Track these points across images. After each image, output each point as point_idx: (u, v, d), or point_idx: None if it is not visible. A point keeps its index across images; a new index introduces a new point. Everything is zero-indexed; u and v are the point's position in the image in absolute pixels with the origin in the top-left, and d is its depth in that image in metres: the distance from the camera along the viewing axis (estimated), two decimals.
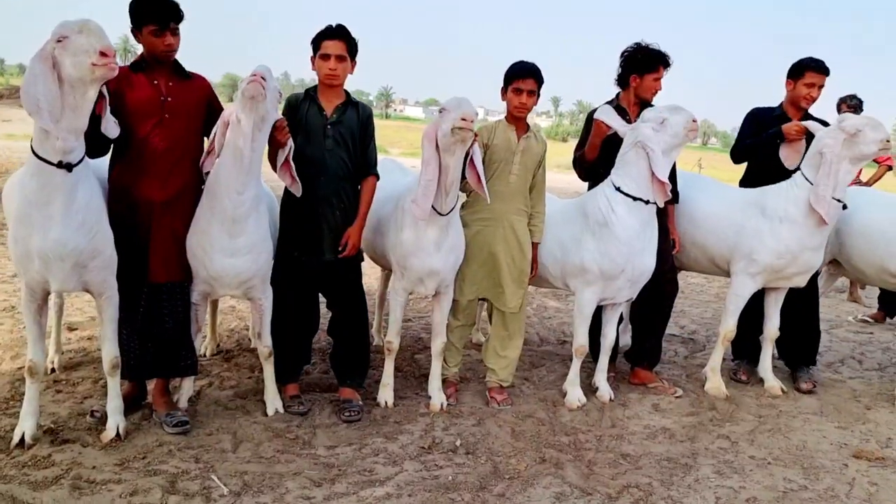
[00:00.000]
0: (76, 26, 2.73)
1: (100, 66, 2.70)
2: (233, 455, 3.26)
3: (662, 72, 4.19)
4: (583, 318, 4.08)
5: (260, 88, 3.12)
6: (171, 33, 3.26)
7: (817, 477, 3.39)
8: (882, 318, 6.51)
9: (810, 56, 4.40)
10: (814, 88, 4.35)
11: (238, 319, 5.33)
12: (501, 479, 3.20)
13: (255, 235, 3.44)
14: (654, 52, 4.16)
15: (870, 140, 3.92)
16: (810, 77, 4.33)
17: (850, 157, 3.98)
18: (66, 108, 2.78)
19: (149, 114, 3.26)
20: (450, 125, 3.35)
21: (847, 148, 3.95)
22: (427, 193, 3.47)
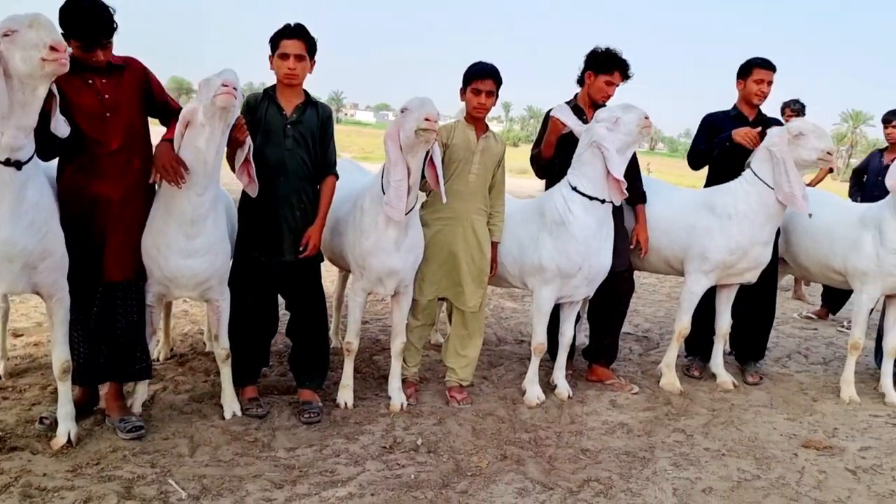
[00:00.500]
0: (26, 20, 2.63)
1: (50, 62, 2.60)
2: (190, 459, 3.19)
3: (618, 78, 4.22)
4: (541, 317, 4.12)
5: (232, 100, 3.09)
6: (101, 48, 3.13)
7: (769, 466, 3.49)
8: (825, 314, 6.74)
9: (761, 57, 4.53)
10: (763, 84, 4.48)
11: (191, 323, 5.23)
12: (464, 476, 3.21)
13: (212, 236, 3.39)
14: (616, 56, 4.21)
15: (811, 146, 4.04)
16: (758, 73, 4.47)
17: (793, 159, 4.10)
18: (14, 104, 2.69)
19: (92, 114, 3.16)
20: (413, 126, 3.35)
21: (790, 150, 4.08)
22: (399, 194, 3.46)
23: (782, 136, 4.12)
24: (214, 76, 3.14)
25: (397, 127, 3.48)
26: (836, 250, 4.49)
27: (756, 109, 4.59)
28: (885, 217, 4.24)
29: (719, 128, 4.57)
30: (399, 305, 3.92)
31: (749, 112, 4.58)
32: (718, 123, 4.62)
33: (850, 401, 4.42)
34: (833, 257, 4.51)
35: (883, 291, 4.35)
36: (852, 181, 6.72)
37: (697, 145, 4.71)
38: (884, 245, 4.22)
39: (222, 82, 3.06)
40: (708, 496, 3.17)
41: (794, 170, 4.09)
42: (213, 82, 3.11)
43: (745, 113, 4.59)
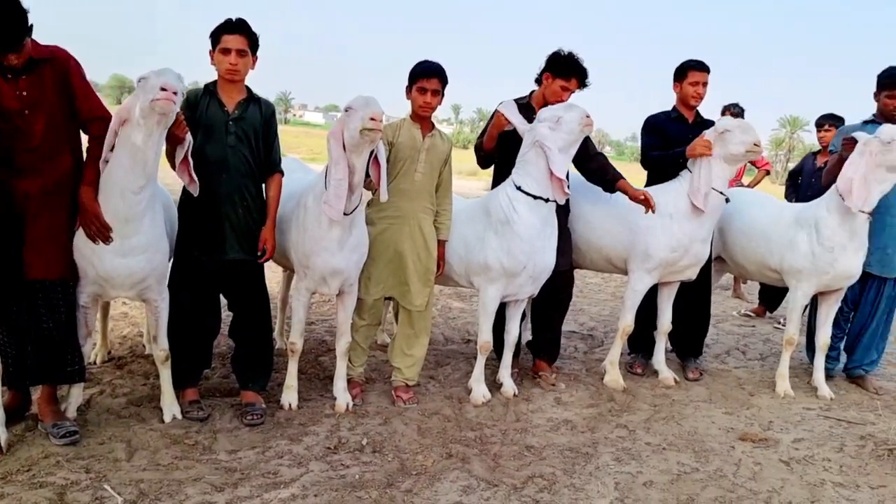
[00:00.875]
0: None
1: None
2: (127, 464, 3.10)
3: (574, 85, 4.22)
4: (487, 315, 4.14)
5: (172, 106, 3.03)
6: (16, 53, 2.99)
7: (707, 459, 3.58)
8: (763, 312, 6.94)
9: (694, 59, 4.63)
10: (699, 86, 4.57)
11: (131, 325, 5.09)
12: (409, 475, 3.20)
13: (150, 234, 3.30)
14: (576, 63, 4.21)
15: (737, 140, 4.17)
16: (693, 76, 4.56)
17: (722, 156, 4.23)
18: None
19: (10, 111, 3.03)
20: (358, 125, 3.32)
21: (719, 146, 4.21)
22: (339, 194, 3.43)
23: (711, 135, 4.24)
24: (153, 75, 3.06)
25: (341, 126, 3.45)
26: (772, 249, 4.63)
27: (694, 111, 4.70)
28: (820, 216, 4.40)
29: (662, 129, 4.67)
30: (344, 305, 3.89)
31: (688, 113, 4.69)
32: (661, 125, 4.71)
33: (785, 395, 4.57)
34: (769, 256, 4.66)
35: (817, 289, 4.50)
36: (788, 183, 6.95)
37: (649, 149, 4.72)
38: (820, 243, 4.37)
39: (161, 86, 2.99)
40: (648, 489, 3.23)
41: (718, 167, 4.23)
42: (151, 83, 3.03)
43: (684, 114, 4.70)
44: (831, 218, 4.35)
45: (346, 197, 3.47)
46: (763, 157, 7.95)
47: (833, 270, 4.36)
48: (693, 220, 4.33)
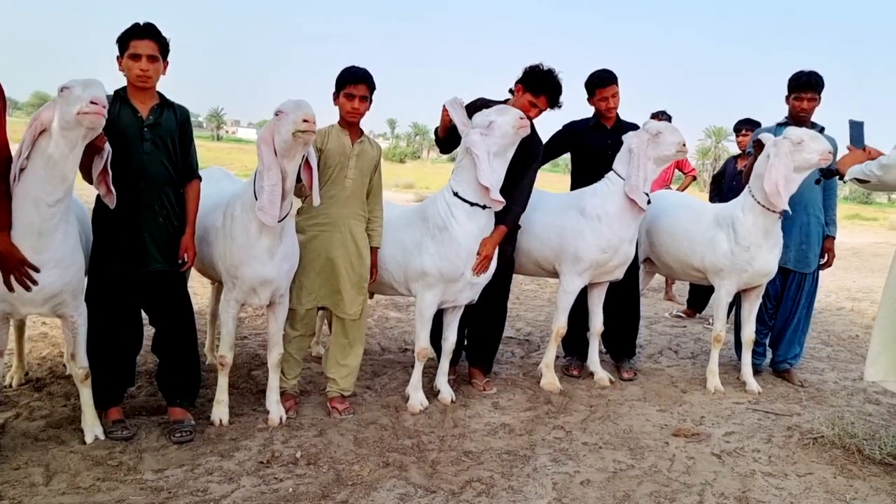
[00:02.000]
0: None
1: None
2: (45, 488, 2.94)
3: (543, 103, 4.16)
4: (423, 322, 4.10)
5: (102, 121, 2.92)
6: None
7: (642, 456, 3.62)
8: (692, 314, 7.12)
9: (597, 70, 4.67)
10: (608, 100, 4.62)
11: (51, 346, 4.86)
12: (344, 486, 3.13)
13: (63, 248, 3.14)
14: (550, 81, 4.14)
15: (669, 142, 4.28)
16: (600, 93, 4.62)
17: (654, 158, 4.33)
18: None
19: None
20: (290, 128, 3.25)
21: (651, 148, 4.31)
22: (273, 199, 3.35)
23: (642, 136, 4.34)
24: (78, 86, 2.93)
25: (271, 130, 3.38)
26: (694, 248, 4.76)
27: (611, 120, 4.75)
28: (737, 216, 4.54)
29: (578, 135, 4.73)
30: (275, 316, 3.80)
31: (607, 121, 4.76)
32: (578, 133, 4.76)
33: (716, 390, 4.68)
34: (692, 255, 4.79)
35: (738, 286, 4.64)
36: (712, 187, 7.18)
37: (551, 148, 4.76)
38: (738, 242, 4.51)
39: (91, 100, 2.87)
40: (585, 488, 3.24)
41: (650, 166, 4.33)
42: (76, 95, 2.90)
43: (603, 122, 4.77)
44: (746, 218, 4.50)
45: (281, 203, 3.40)
46: (690, 164, 8.20)
47: (751, 268, 4.51)
48: (621, 220, 4.41)
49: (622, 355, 5.03)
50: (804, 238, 4.82)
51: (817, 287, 5.06)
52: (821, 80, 4.73)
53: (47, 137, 2.97)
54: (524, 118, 3.83)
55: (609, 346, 5.11)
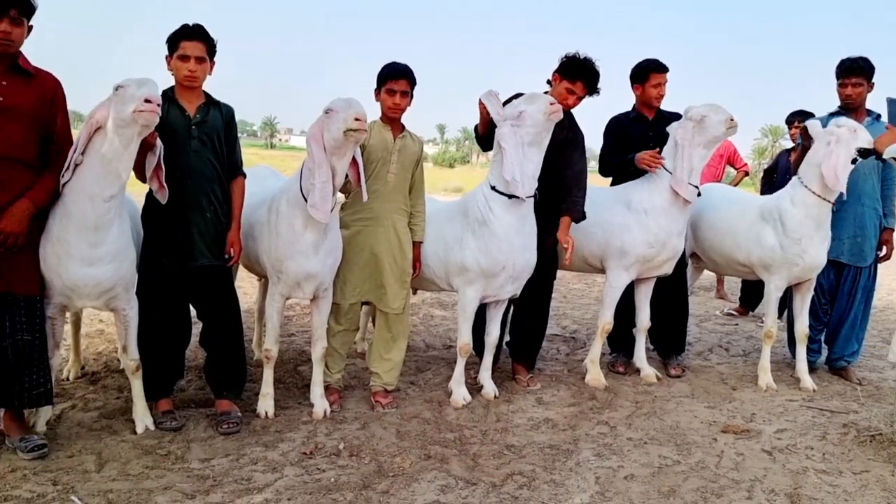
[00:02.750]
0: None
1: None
2: (96, 475, 3.04)
3: (580, 89, 4.16)
4: (466, 317, 4.10)
5: (157, 118, 3.02)
6: (11, 21, 3.00)
7: (689, 452, 3.54)
8: (745, 312, 6.94)
9: (650, 58, 4.64)
10: (660, 87, 4.58)
11: (107, 342, 5.02)
12: (385, 477, 3.15)
13: (118, 242, 3.25)
14: (585, 66, 4.15)
15: (715, 122, 4.17)
16: (655, 78, 4.56)
17: (703, 142, 4.23)
18: None
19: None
20: (342, 127, 3.30)
21: (698, 134, 4.21)
22: (325, 196, 3.41)
23: (686, 126, 4.25)
24: (133, 85, 3.03)
25: (320, 128, 3.42)
26: (738, 243, 4.65)
27: (655, 110, 4.69)
28: (785, 208, 4.41)
29: (623, 130, 4.68)
30: (319, 310, 3.85)
31: (648, 113, 4.69)
32: (621, 127, 4.71)
33: (767, 387, 4.55)
34: (737, 251, 4.67)
35: (789, 281, 4.50)
36: (763, 180, 6.99)
37: (607, 154, 4.76)
38: (787, 235, 4.38)
39: (146, 98, 2.96)
40: (629, 482, 3.19)
41: (698, 154, 4.24)
42: (131, 93, 3.00)
43: (644, 114, 4.70)
44: (796, 210, 4.37)
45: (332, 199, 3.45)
46: (742, 159, 8.00)
47: (802, 262, 4.38)
48: (668, 214, 4.33)
49: (670, 352, 4.93)
50: (859, 230, 4.65)
51: (875, 281, 4.87)
52: (867, 64, 4.55)
53: (102, 135, 3.07)
54: (554, 103, 3.76)
55: (656, 342, 5.02)
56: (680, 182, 4.23)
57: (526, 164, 3.84)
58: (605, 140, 4.80)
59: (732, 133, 4.29)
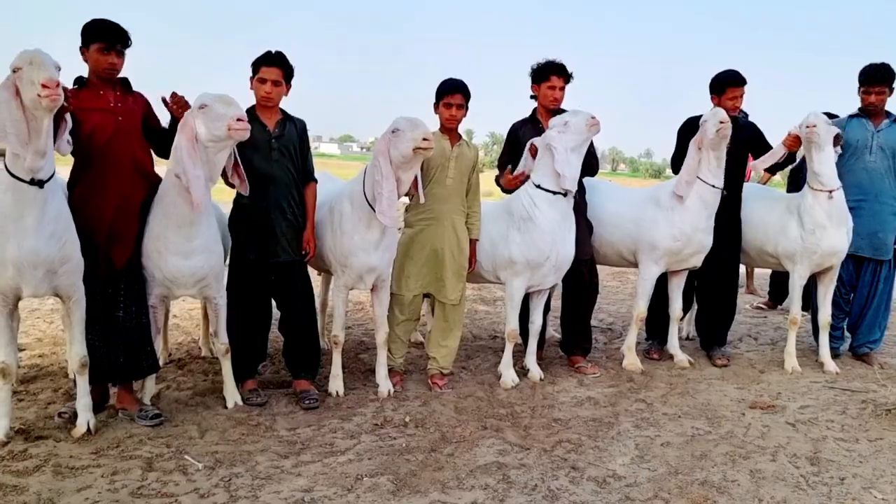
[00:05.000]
0: (27, 57, 2.95)
1: (43, 98, 2.89)
2: (201, 441, 3.52)
3: (557, 81, 4.62)
4: (513, 306, 4.53)
5: (248, 134, 3.47)
6: (117, 53, 3.54)
7: (720, 424, 3.92)
8: (773, 305, 7.26)
9: (728, 70, 4.92)
10: (737, 99, 4.87)
11: (184, 334, 5.52)
12: (449, 443, 3.58)
13: (208, 236, 3.74)
14: (548, 63, 4.64)
15: (710, 125, 4.55)
16: (732, 92, 4.85)
17: (707, 145, 4.62)
18: (31, 132, 3.00)
19: (103, 126, 3.51)
20: (410, 145, 3.76)
21: (703, 136, 4.63)
22: (391, 203, 3.87)
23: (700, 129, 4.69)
24: (218, 104, 3.45)
25: (387, 145, 3.87)
26: (768, 235, 5.01)
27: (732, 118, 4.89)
28: (803, 203, 4.79)
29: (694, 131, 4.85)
30: (379, 300, 4.30)
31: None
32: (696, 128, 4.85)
33: (793, 370, 4.90)
34: (766, 242, 5.04)
35: (811, 269, 4.86)
36: (790, 180, 7.28)
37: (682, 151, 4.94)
38: (804, 227, 4.75)
39: (238, 117, 3.43)
40: (665, 448, 3.58)
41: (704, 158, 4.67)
42: (219, 112, 3.43)
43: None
44: (806, 202, 4.77)
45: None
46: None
47: (820, 249, 4.74)
48: (693, 211, 4.72)
49: (713, 344, 5.26)
50: (878, 226, 4.98)
51: (894, 273, 5.20)
52: (890, 72, 4.89)
53: (193, 145, 3.53)
54: (594, 117, 4.28)
55: (701, 335, 5.36)
56: (679, 182, 4.70)
57: (567, 165, 4.29)
58: (679, 140, 5.09)
59: (724, 134, 4.55)
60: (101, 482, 3.01)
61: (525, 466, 3.33)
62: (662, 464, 3.40)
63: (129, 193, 3.62)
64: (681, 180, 4.68)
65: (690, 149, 4.68)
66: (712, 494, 3.08)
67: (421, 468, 3.28)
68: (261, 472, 3.17)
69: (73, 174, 3.60)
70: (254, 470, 3.19)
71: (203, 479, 3.09)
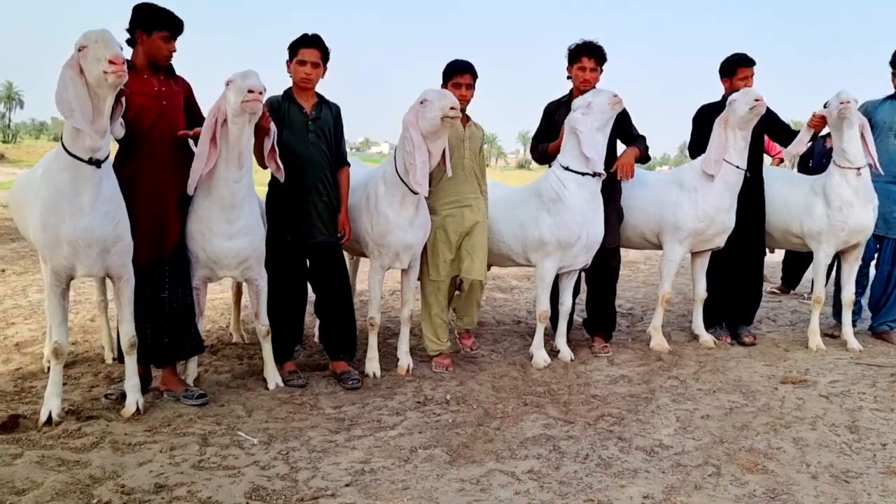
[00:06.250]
0: (94, 36, 3.00)
1: (110, 74, 2.95)
2: (249, 419, 3.55)
3: (588, 62, 4.67)
4: (544, 286, 4.59)
5: (260, 105, 3.51)
6: (166, 40, 3.59)
7: (755, 398, 3.99)
8: (786, 290, 7.36)
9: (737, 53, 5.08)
10: (748, 80, 4.97)
11: (211, 322, 5.54)
12: (494, 418, 3.63)
13: (249, 219, 3.78)
14: (579, 44, 4.70)
15: (742, 103, 4.63)
16: (742, 72, 4.98)
17: (733, 124, 4.70)
18: (94, 110, 3.06)
19: (147, 110, 3.55)
20: (438, 114, 3.82)
21: (730, 116, 4.71)
22: (424, 172, 3.94)
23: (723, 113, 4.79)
24: (239, 78, 3.51)
25: (416, 115, 3.93)
26: (793, 215, 5.10)
27: None
28: (828, 182, 4.89)
29: (711, 118, 4.92)
30: (408, 278, 4.39)
31: None
32: (709, 115, 4.98)
33: (818, 349, 4.98)
34: (791, 223, 5.12)
35: (836, 247, 4.94)
36: (799, 166, 7.41)
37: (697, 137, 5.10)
38: (830, 206, 4.84)
39: (248, 88, 3.46)
40: (706, 421, 3.65)
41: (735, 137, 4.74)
42: (238, 86, 3.48)
43: None
44: (833, 181, 4.86)
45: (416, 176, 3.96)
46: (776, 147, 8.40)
47: (847, 226, 4.83)
48: (715, 191, 4.79)
49: (740, 323, 5.31)
50: (893, 205, 5.09)
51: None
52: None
53: (225, 127, 3.58)
54: (617, 95, 4.34)
55: (729, 316, 5.35)
56: (708, 160, 4.78)
57: (594, 146, 4.35)
58: (695, 127, 5.20)
59: (757, 112, 4.63)
60: (160, 457, 3.04)
61: (573, 438, 3.38)
62: (706, 434, 3.46)
63: (172, 177, 3.66)
64: (709, 159, 4.74)
65: (715, 129, 4.75)
66: (761, 460, 3.14)
67: (472, 440, 3.32)
68: (316, 446, 3.21)
69: (117, 158, 3.62)
70: (308, 444, 3.23)
71: (261, 453, 3.12)
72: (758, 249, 5.23)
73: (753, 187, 5.05)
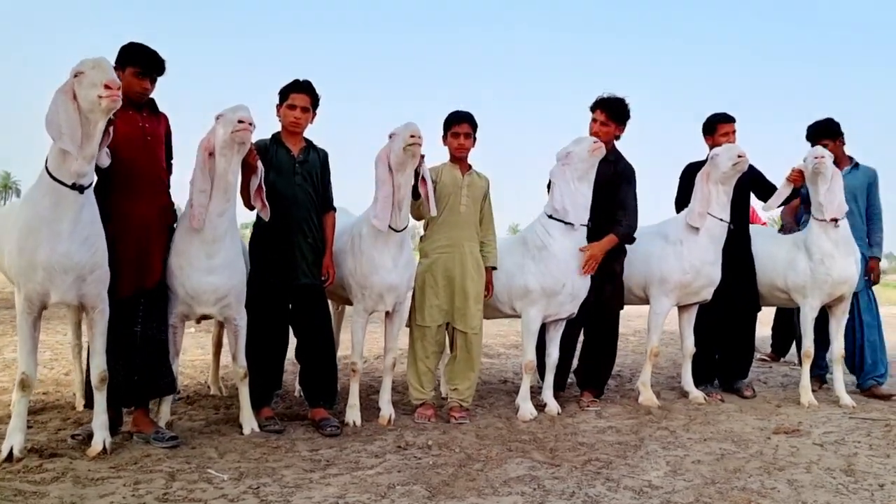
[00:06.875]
0: (90, 63, 3.06)
1: (104, 98, 3.00)
2: (221, 460, 3.40)
3: (601, 115, 4.72)
4: (530, 335, 4.51)
5: (249, 135, 3.56)
6: (150, 80, 3.65)
7: (747, 446, 3.86)
8: (776, 358, 7.28)
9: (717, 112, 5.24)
10: (729, 136, 5.11)
11: (189, 378, 5.39)
12: (477, 461, 3.49)
13: (230, 253, 3.74)
14: (601, 98, 4.77)
15: (725, 158, 4.72)
16: (722, 128, 5.12)
17: (715, 178, 4.78)
18: (83, 136, 3.08)
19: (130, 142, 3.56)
20: (401, 144, 3.86)
21: (712, 170, 4.79)
22: (385, 206, 3.94)
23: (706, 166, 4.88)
24: (229, 111, 3.57)
25: (386, 151, 3.99)
26: (777, 270, 5.10)
27: None
28: (808, 236, 4.94)
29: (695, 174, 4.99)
30: (392, 323, 4.30)
31: None
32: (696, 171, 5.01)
33: (810, 404, 4.87)
34: (776, 277, 5.12)
35: (821, 300, 4.91)
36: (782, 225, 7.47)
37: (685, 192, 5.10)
38: (812, 258, 4.87)
39: (238, 119, 3.51)
40: (697, 465, 3.51)
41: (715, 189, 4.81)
42: (228, 118, 3.54)
43: None
44: (812, 234, 4.90)
45: (392, 212, 3.96)
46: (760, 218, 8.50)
47: (830, 278, 4.82)
48: (700, 244, 4.81)
49: (737, 378, 5.27)
50: None
51: (876, 305, 5.36)
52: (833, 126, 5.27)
53: (212, 159, 3.61)
54: (597, 142, 4.39)
55: (722, 374, 5.34)
56: (692, 213, 4.82)
57: (577, 196, 4.40)
58: (681, 184, 5.29)
59: (740, 168, 4.72)
60: (123, 489, 2.89)
61: (559, 478, 3.24)
62: (697, 476, 3.33)
63: (155, 212, 3.64)
64: (693, 212, 4.78)
65: (698, 183, 4.81)
66: (755, 498, 3.01)
67: (453, 479, 3.18)
68: (289, 482, 3.06)
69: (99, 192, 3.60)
70: (281, 481, 3.08)
71: (231, 487, 2.97)
72: (749, 305, 5.21)
73: (740, 243, 5.07)
